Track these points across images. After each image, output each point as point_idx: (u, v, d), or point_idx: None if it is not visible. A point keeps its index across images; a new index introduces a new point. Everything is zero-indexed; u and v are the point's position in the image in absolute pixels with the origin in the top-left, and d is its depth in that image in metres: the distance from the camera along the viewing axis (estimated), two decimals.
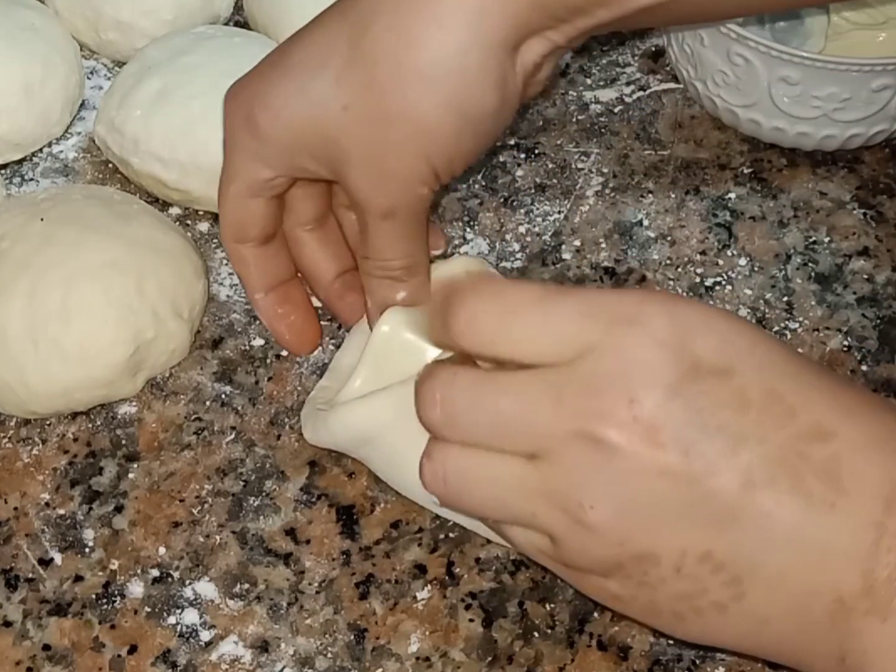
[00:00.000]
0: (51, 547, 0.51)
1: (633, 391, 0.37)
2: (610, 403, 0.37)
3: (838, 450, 0.38)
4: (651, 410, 0.37)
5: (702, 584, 0.38)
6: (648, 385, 0.37)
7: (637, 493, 0.37)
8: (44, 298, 0.53)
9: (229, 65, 0.63)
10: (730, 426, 0.37)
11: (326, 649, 0.48)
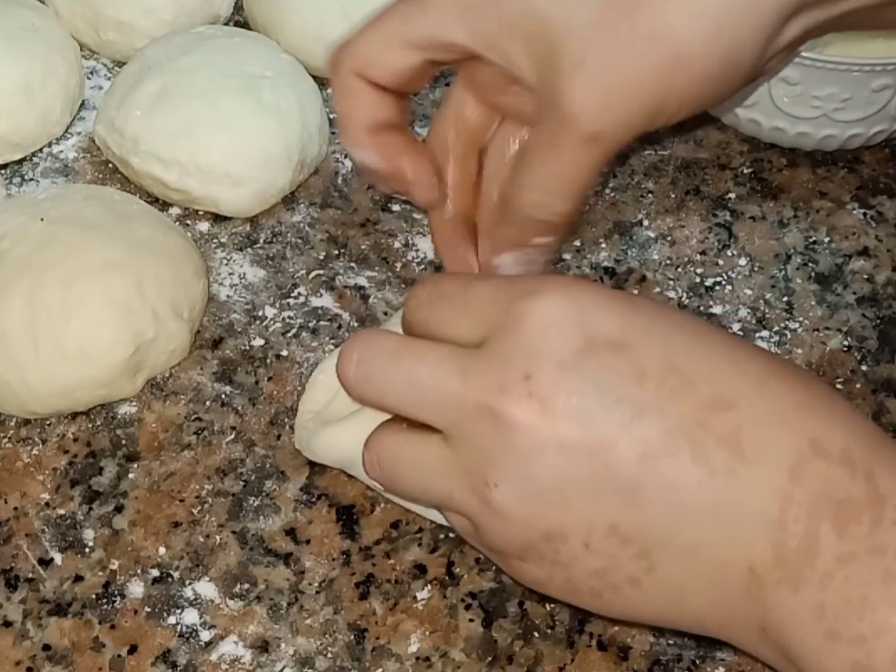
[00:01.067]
0: (51, 547, 0.51)
1: (528, 366, 0.38)
2: (507, 379, 0.38)
3: (738, 420, 0.38)
4: (546, 384, 0.37)
5: (613, 560, 0.38)
6: (543, 359, 0.37)
7: (538, 468, 0.38)
8: (44, 298, 0.53)
9: (229, 65, 0.63)
10: (626, 398, 0.37)
11: (326, 649, 0.48)
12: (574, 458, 0.37)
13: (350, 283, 0.60)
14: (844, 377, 0.57)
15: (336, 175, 0.65)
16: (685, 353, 0.39)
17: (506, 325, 0.39)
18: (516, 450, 0.38)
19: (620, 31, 0.42)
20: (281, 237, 0.62)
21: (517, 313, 0.39)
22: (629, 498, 0.38)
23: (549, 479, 0.38)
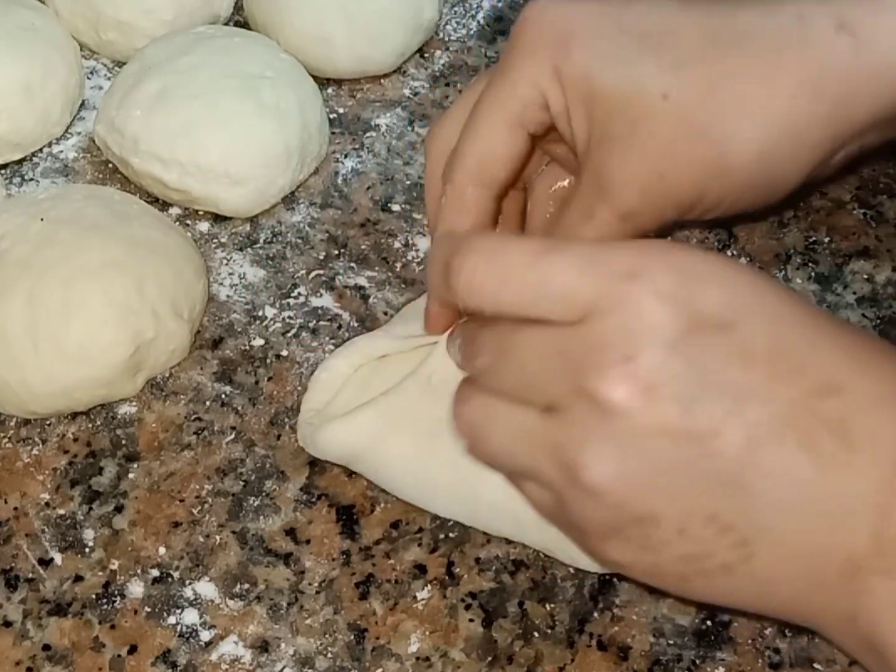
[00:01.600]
0: (51, 547, 0.51)
1: (632, 348, 0.36)
2: (609, 360, 0.37)
3: (849, 406, 0.37)
4: (651, 367, 0.36)
5: (707, 547, 0.38)
6: (648, 341, 0.36)
7: (636, 452, 0.37)
8: (44, 298, 0.53)
9: (229, 65, 0.63)
10: (734, 383, 0.36)
11: (326, 649, 0.48)
12: (675, 443, 0.36)
13: (350, 283, 0.60)
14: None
15: (336, 175, 0.65)
16: (792, 333, 0.37)
17: (605, 303, 0.37)
18: (615, 432, 0.37)
19: (678, 123, 0.43)
20: (281, 237, 0.62)
21: (619, 292, 0.37)
22: (732, 486, 0.37)
23: (648, 463, 0.37)
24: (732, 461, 0.36)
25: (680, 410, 0.36)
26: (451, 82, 0.70)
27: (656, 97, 0.43)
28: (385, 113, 0.68)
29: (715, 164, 0.44)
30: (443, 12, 0.73)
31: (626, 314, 0.37)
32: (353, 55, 0.68)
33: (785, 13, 0.44)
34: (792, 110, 0.44)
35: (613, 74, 0.44)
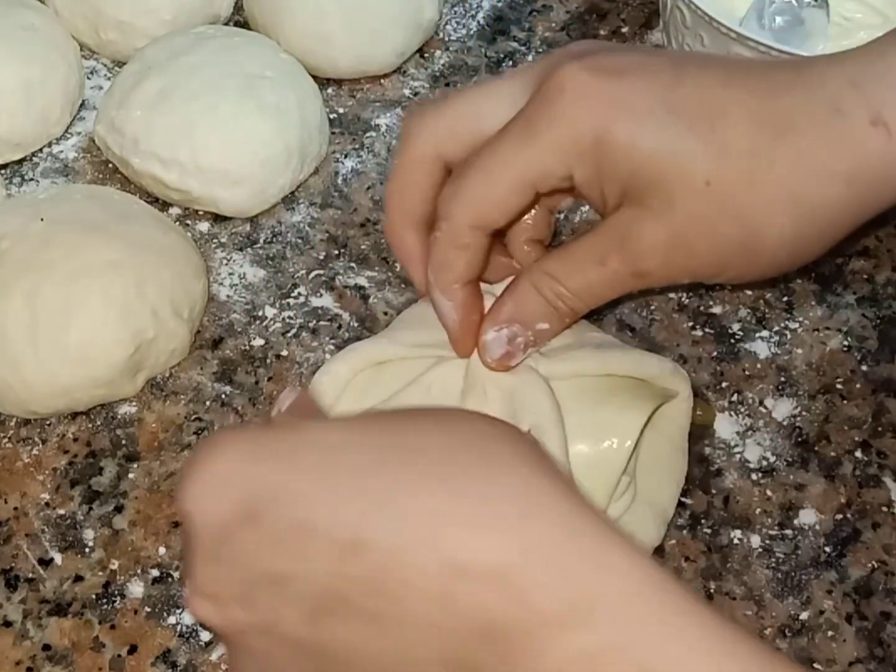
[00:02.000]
0: (51, 547, 0.51)
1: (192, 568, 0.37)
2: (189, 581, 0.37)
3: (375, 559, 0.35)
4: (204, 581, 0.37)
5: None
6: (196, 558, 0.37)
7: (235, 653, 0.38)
8: (44, 298, 0.53)
9: (229, 65, 0.63)
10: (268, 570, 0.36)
11: None
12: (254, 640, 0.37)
13: (350, 283, 0.60)
14: (844, 377, 0.57)
15: (336, 175, 0.65)
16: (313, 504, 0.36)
17: None
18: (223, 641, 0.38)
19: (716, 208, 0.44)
20: (281, 237, 0.62)
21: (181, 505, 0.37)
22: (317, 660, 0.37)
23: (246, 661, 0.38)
24: (303, 638, 0.36)
25: (239, 609, 0.37)
26: (451, 82, 0.70)
27: (699, 182, 0.44)
28: (385, 113, 0.68)
29: (744, 246, 0.45)
30: (443, 12, 0.73)
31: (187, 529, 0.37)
32: (353, 55, 0.68)
33: (823, 103, 0.44)
34: (824, 201, 0.44)
35: (659, 155, 0.44)
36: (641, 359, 0.49)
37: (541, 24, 0.73)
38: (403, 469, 0.36)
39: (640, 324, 0.59)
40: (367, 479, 0.36)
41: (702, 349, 0.58)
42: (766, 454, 0.54)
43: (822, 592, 0.50)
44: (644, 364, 0.49)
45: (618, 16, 0.74)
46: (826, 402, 0.56)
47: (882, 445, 0.55)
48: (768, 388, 0.57)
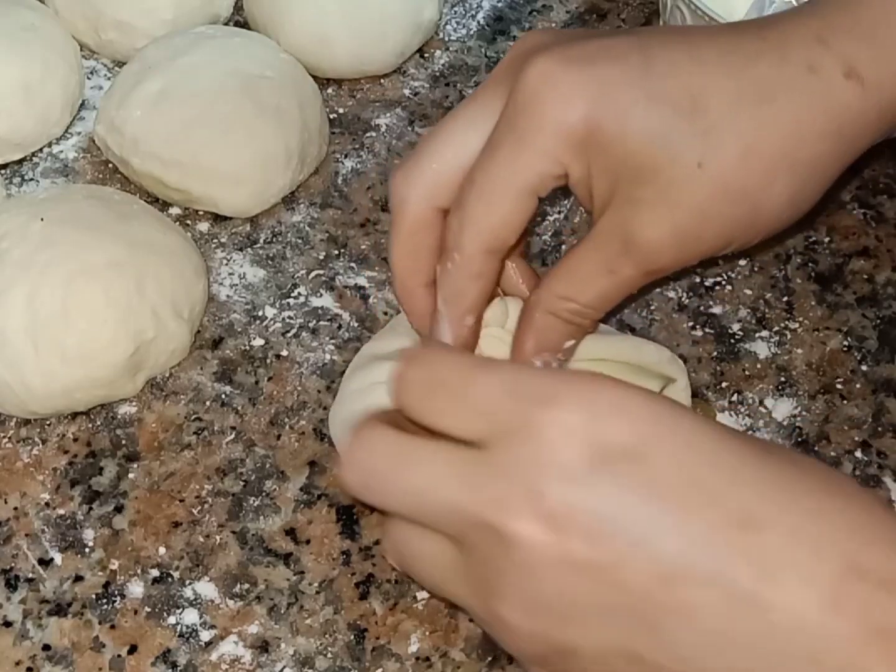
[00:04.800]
0: (51, 547, 0.51)
1: (536, 480, 0.35)
2: (513, 492, 0.35)
3: (769, 540, 0.35)
4: (556, 500, 0.35)
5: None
6: (553, 473, 0.35)
7: (544, 586, 0.36)
8: (44, 298, 0.53)
9: (229, 65, 0.63)
10: (642, 513, 0.35)
11: (326, 649, 0.48)
12: (583, 578, 0.35)
13: (350, 283, 0.60)
14: (844, 377, 0.57)
15: (336, 175, 0.65)
16: (709, 464, 0.36)
17: (514, 431, 0.36)
18: (522, 566, 0.35)
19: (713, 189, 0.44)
20: (281, 237, 0.62)
21: (529, 422, 0.36)
22: (643, 620, 0.35)
23: (557, 596, 0.36)
24: (642, 594, 0.35)
25: (587, 544, 0.35)
26: (451, 82, 0.70)
27: (691, 166, 0.44)
28: (385, 113, 0.68)
29: (747, 220, 0.45)
30: (443, 12, 0.73)
31: (534, 443, 0.36)
32: (353, 55, 0.68)
33: (795, 63, 0.45)
34: (814, 161, 0.45)
35: (649, 142, 0.44)
36: (639, 345, 0.49)
37: (541, 24, 0.73)
38: (795, 469, 0.36)
39: (640, 324, 0.59)
40: (764, 463, 0.36)
41: (702, 349, 0.58)
42: None
43: None
44: (642, 350, 0.49)
45: (618, 16, 0.74)
46: (826, 402, 0.56)
47: (882, 445, 0.55)
48: (768, 388, 0.57)
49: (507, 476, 0.36)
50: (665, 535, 0.35)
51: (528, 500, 0.35)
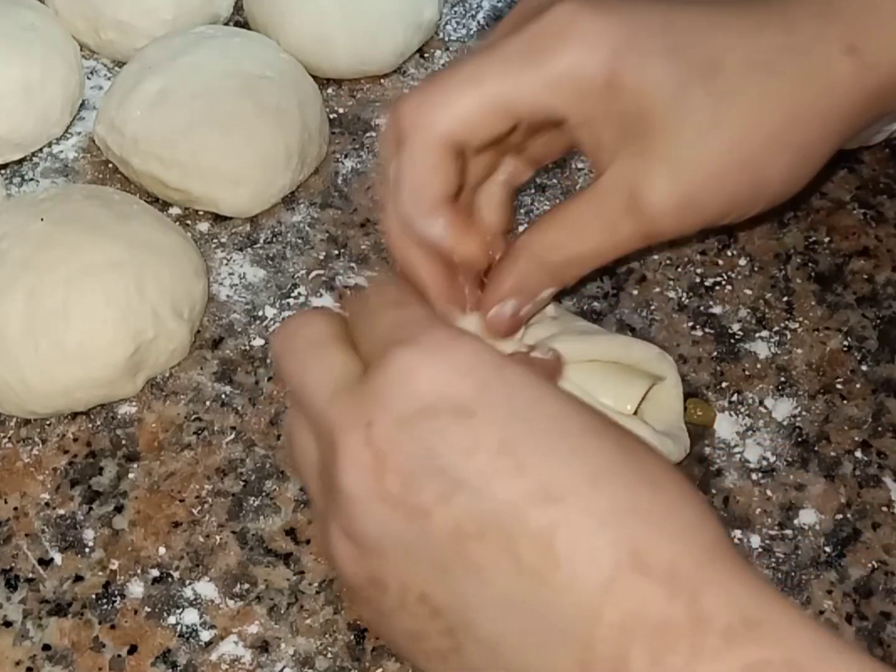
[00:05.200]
0: (51, 547, 0.51)
1: (373, 410, 0.37)
2: (354, 420, 0.37)
3: (559, 517, 0.35)
4: (382, 437, 0.36)
5: (422, 627, 0.37)
6: (386, 411, 0.37)
7: (360, 515, 0.37)
8: (44, 298, 0.53)
9: (229, 65, 0.63)
10: (450, 469, 0.36)
11: (326, 649, 0.48)
12: (393, 516, 0.36)
13: (350, 283, 0.60)
14: (844, 377, 0.57)
15: (336, 175, 0.65)
16: (530, 433, 0.36)
17: (374, 364, 0.38)
18: (347, 489, 0.37)
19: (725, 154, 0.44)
20: (281, 237, 0.62)
21: (384, 357, 0.38)
22: (439, 571, 0.36)
23: (370, 528, 0.37)
24: (439, 546, 0.36)
25: (399, 483, 0.36)
26: None
27: (703, 128, 0.44)
28: (385, 113, 0.68)
29: (749, 190, 0.45)
30: (443, 12, 0.73)
31: (381, 380, 0.37)
32: (353, 55, 0.68)
33: (801, 36, 0.45)
34: (815, 136, 0.46)
35: (664, 99, 0.43)
36: (628, 343, 0.49)
37: None
38: (616, 453, 0.37)
39: (640, 324, 0.59)
40: (585, 441, 0.36)
41: (702, 349, 0.58)
42: (766, 454, 0.54)
43: (822, 592, 0.50)
44: (630, 348, 0.49)
45: None
46: (826, 402, 0.56)
47: (882, 445, 0.55)
48: (768, 388, 0.57)
49: (357, 400, 0.38)
50: (468, 494, 0.35)
51: (359, 427, 0.37)
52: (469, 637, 0.36)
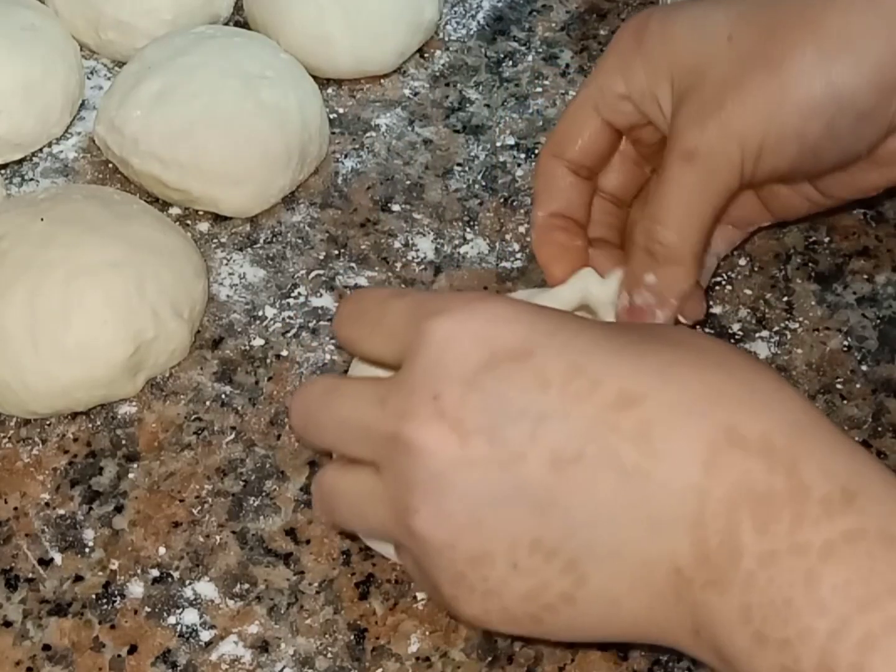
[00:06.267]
0: (51, 547, 0.51)
1: (435, 387, 0.37)
2: (417, 402, 0.38)
3: (647, 414, 0.37)
4: (452, 404, 0.37)
5: (541, 577, 0.38)
6: (448, 378, 0.37)
7: (451, 489, 0.37)
8: (44, 298, 0.53)
9: (229, 65, 0.63)
10: (531, 407, 0.37)
11: (326, 649, 0.48)
12: (485, 474, 0.37)
13: (350, 283, 0.60)
14: (844, 377, 0.57)
15: (336, 175, 0.65)
16: (589, 353, 0.38)
17: (413, 346, 0.39)
18: (429, 473, 0.37)
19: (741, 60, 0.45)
20: (281, 237, 0.62)
21: (422, 334, 0.38)
22: (545, 508, 0.37)
23: (466, 498, 0.37)
24: (540, 483, 0.37)
25: (485, 440, 0.37)
26: (451, 82, 0.70)
27: (722, 39, 0.45)
28: (385, 113, 0.68)
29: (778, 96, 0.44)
30: (443, 12, 0.73)
31: (429, 355, 0.38)
32: (353, 55, 0.68)
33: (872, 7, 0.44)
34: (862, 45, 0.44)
35: (687, 31, 0.46)
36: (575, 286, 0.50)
37: (541, 24, 0.73)
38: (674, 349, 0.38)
39: None
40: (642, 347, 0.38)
41: None
42: None
43: None
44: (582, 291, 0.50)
45: (618, 16, 0.74)
46: (826, 402, 0.56)
47: (882, 445, 0.55)
48: None
49: (410, 388, 0.38)
50: (552, 422, 0.37)
51: (426, 406, 0.37)
52: (590, 561, 0.37)
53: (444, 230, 0.62)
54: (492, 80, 0.70)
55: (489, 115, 0.68)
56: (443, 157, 0.66)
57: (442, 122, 0.68)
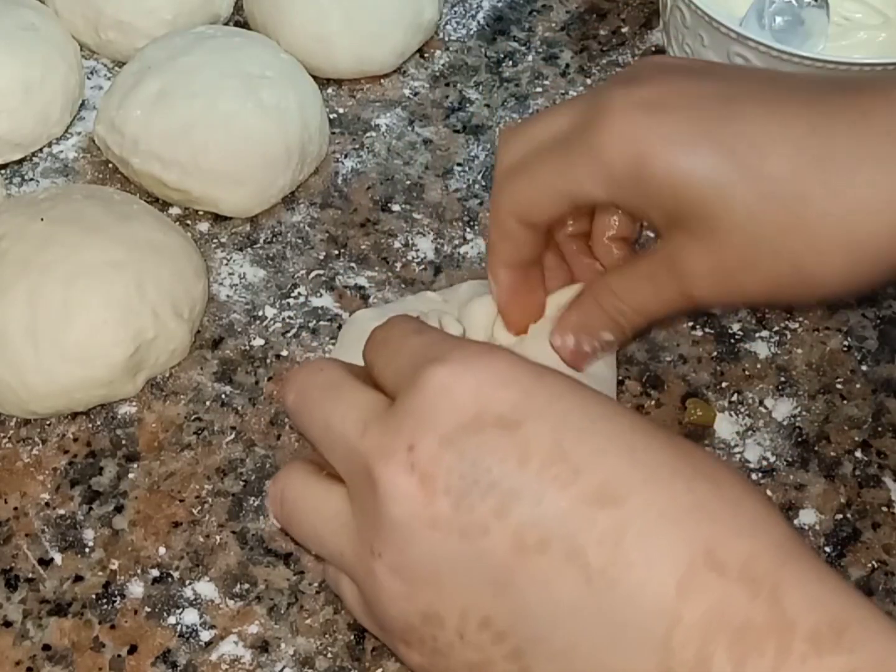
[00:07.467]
0: (51, 547, 0.51)
1: (414, 436, 0.36)
2: (394, 445, 0.36)
3: (624, 518, 0.34)
4: (427, 458, 0.36)
5: (486, 655, 0.36)
6: (428, 431, 0.36)
7: (414, 542, 0.36)
8: (44, 298, 0.53)
9: (229, 65, 0.63)
10: (503, 481, 0.35)
11: (326, 649, 0.48)
12: (447, 540, 0.35)
13: (350, 283, 0.60)
14: (844, 377, 0.57)
15: (336, 175, 0.65)
16: (579, 435, 0.36)
17: (409, 388, 0.37)
18: (392, 521, 0.36)
19: (759, 241, 0.42)
20: (281, 237, 0.62)
21: (418, 378, 0.37)
22: (501, 589, 0.35)
23: (426, 556, 0.36)
24: (501, 562, 0.35)
25: (450, 504, 0.35)
26: (450, 82, 0.70)
27: (741, 215, 0.42)
28: (385, 113, 0.68)
29: (794, 281, 0.43)
30: (443, 12, 0.73)
31: (417, 401, 0.37)
32: (353, 55, 0.68)
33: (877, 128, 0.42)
34: (878, 240, 0.42)
35: (700, 184, 0.42)
36: None
37: (541, 24, 0.73)
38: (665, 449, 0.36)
39: None
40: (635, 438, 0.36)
41: (702, 349, 0.58)
42: (766, 454, 0.54)
43: None
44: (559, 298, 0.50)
45: (618, 16, 0.74)
46: (826, 402, 0.56)
47: (882, 445, 0.55)
48: (768, 388, 0.57)
49: (393, 428, 0.37)
50: (525, 504, 0.35)
51: (400, 453, 0.36)
52: (538, 655, 0.35)
53: (444, 230, 0.62)
54: (492, 80, 0.70)
55: (489, 115, 0.68)
56: (443, 157, 0.66)
57: (442, 122, 0.68)
